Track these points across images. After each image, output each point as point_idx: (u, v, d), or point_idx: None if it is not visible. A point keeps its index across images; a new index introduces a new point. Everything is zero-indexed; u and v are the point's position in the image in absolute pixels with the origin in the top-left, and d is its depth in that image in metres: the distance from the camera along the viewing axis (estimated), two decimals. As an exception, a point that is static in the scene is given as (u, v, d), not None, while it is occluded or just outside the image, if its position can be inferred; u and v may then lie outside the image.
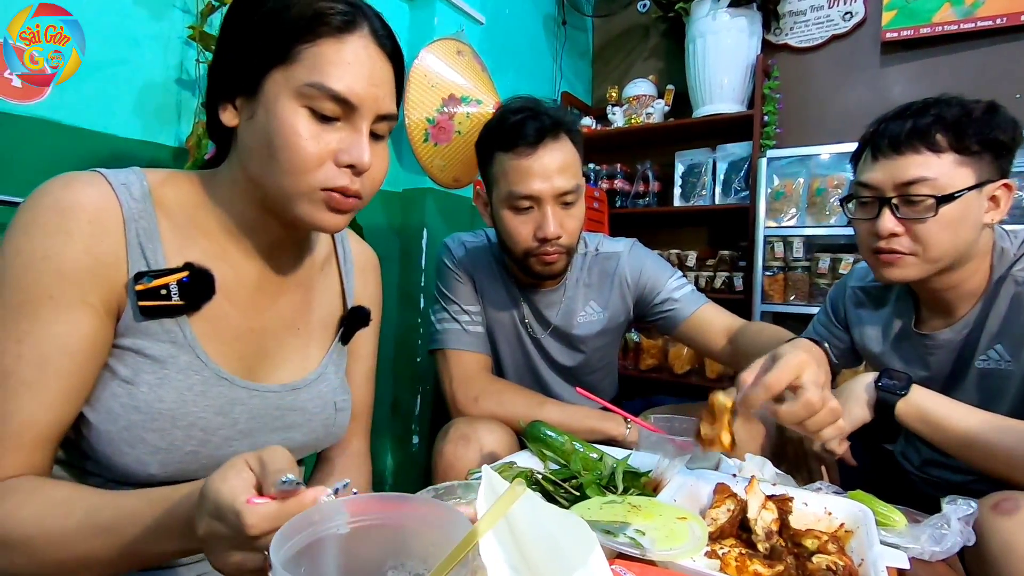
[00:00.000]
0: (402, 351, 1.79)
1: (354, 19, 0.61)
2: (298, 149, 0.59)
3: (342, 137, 0.61)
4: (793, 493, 0.73)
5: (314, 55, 0.59)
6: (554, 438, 0.91)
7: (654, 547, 0.57)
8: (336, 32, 0.59)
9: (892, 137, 0.89)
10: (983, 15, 1.98)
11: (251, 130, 0.61)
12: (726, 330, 1.14)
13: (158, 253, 0.61)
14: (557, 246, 1.04)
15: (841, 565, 0.58)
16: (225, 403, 0.64)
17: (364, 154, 0.61)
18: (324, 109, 0.59)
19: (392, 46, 0.65)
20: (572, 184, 1.03)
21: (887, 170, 0.90)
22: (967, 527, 0.71)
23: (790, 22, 2.34)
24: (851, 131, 2.16)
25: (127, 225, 0.59)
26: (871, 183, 0.92)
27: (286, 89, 0.59)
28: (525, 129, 1.00)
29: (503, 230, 1.07)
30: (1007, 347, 0.92)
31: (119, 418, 0.58)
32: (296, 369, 0.73)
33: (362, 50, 0.61)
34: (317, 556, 0.41)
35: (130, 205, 0.60)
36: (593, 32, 2.84)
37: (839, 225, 1.98)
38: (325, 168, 0.61)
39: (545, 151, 1.01)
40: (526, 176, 1.01)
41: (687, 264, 2.41)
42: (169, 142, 1.20)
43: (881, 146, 0.91)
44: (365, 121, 0.62)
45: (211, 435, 0.63)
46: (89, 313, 0.57)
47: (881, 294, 1.11)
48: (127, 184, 0.61)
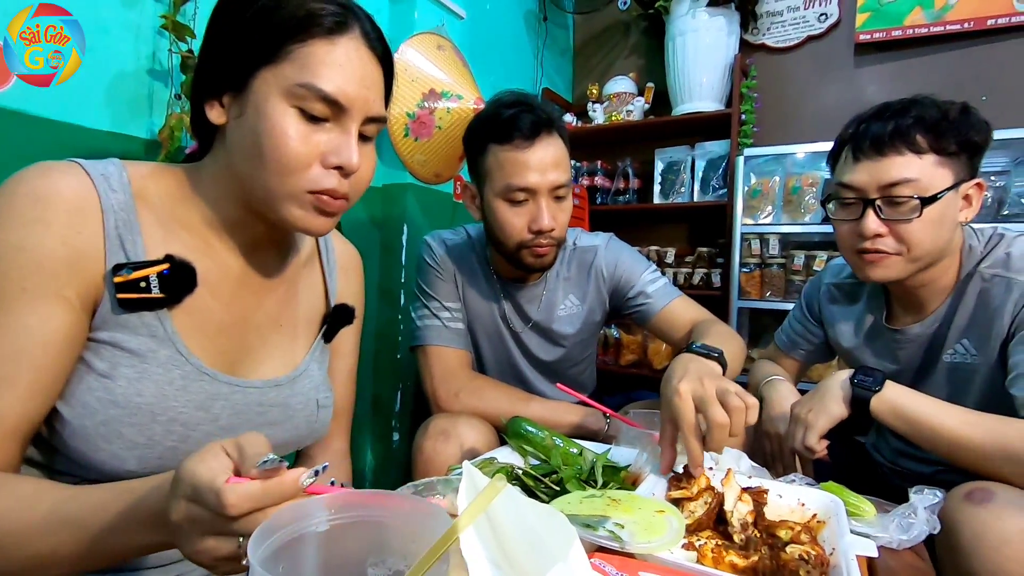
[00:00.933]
0: (383, 347, 1.78)
1: (346, 20, 0.60)
2: (287, 150, 0.58)
3: (331, 138, 0.61)
4: (768, 485, 0.75)
5: (305, 55, 0.58)
6: (535, 434, 0.91)
7: (633, 540, 0.58)
8: (328, 33, 0.59)
9: (874, 138, 0.90)
10: (952, 19, 2.04)
11: (239, 129, 0.61)
12: (691, 324, 1.16)
13: (138, 245, 0.60)
14: (550, 238, 1.06)
15: (813, 554, 0.59)
16: (206, 398, 0.63)
17: (353, 156, 0.61)
18: (314, 110, 0.59)
19: (383, 48, 0.65)
20: (565, 178, 1.05)
21: (870, 171, 0.91)
22: (933, 516, 0.73)
23: (767, 22, 2.37)
24: (826, 130, 2.22)
25: (105, 216, 0.58)
26: (854, 184, 0.93)
27: (276, 88, 0.58)
28: (521, 122, 1.01)
29: (497, 222, 1.08)
30: (973, 341, 0.94)
31: (96, 413, 0.57)
32: (279, 366, 0.72)
33: (353, 52, 0.61)
34: (296, 554, 0.40)
35: (109, 196, 0.58)
36: (574, 29, 2.84)
37: (813, 223, 2.03)
38: (313, 169, 0.60)
39: (541, 145, 1.02)
40: (523, 169, 1.02)
41: (666, 260, 2.44)
42: (141, 134, 1.17)
43: (863, 147, 0.92)
44: (354, 123, 0.62)
45: (192, 430, 0.62)
46: (64, 306, 0.55)
47: (854, 290, 1.14)
48: (106, 175, 0.59)
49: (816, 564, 0.58)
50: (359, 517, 0.43)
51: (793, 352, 1.25)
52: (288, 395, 0.71)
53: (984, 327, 0.93)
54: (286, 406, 0.71)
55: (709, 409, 0.73)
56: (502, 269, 1.19)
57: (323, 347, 0.79)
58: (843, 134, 0.98)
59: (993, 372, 0.92)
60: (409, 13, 1.74)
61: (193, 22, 1.17)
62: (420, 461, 0.99)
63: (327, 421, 0.78)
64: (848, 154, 0.95)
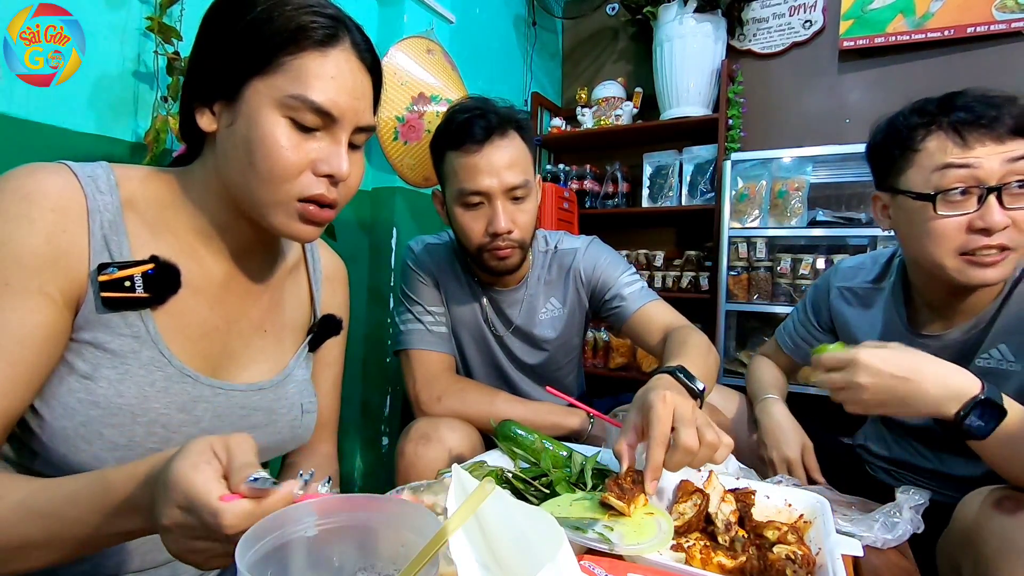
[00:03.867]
0: (372, 351, 1.77)
1: (336, 32, 0.61)
2: (278, 159, 0.59)
3: (321, 147, 0.62)
4: (755, 487, 0.76)
5: (297, 67, 0.59)
6: (524, 436, 0.91)
7: (622, 542, 0.58)
8: (319, 45, 0.60)
9: (991, 119, 0.81)
10: (933, 27, 2.08)
11: (230, 137, 0.61)
12: (664, 328, 1.13)
13: (123, 247, 0.60)
14: (509, 240, 1.05)
15: (800, 554, 0.60)
16: (188, 400, 0.63)
17: (343, 164, 0.62)
18: (305, 120, 0.60)
19: (372, 58, 0.66)
20: (521, 179, 1.04)
21: (990, 155, 0.80)
22: (917, 515, 0.74)
23: (753, 28, 2.40)
24: (811, 135, 2.25)
25: (91, 217, 0.58)
26: (974, 165, 0.81)
27: (268, 99, 0.59)
28: (472, 128, 1.02)
29: (457, 227, 1.08)
30: (1011, 347, 0.88)
31: (76, 413, 0.56)
32: (262, 370, 0.72)
33: (344, 64, 0.62)
34: (284, 560, 0.40)
35: (96, 198, 0.59)
36: (563, 34, 2.86)
37: (799, 227, 2.05)
38: (303, 177, 0.61)
39: (492, 148, 1.02)
40: (474, 173, 1.02)
41: (655, 264, 2.45)
42: (126, 137, 1.16)
43: (971, 130, 0.82)
44: (344, 132, 0.63)
45: (173, 432, 0.61)
46: (46, 303, 0.55)
47: (870, 294, 1.08)
48: (93, 177, 0.60)
49: (803, 564, 0.59)
50: (348, 522, 0.43)
51: (795, 354, 1.23)
52: (272, 399, 0.71)
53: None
54: (270, 410, 0.71)
55: (684, 430, 0.68)
56: (481, 273, 1.19)
57: (308, 354, 0.79)
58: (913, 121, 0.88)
59: None
60: (398, 17, 1.74)
61: (179, 24, 1.16)
62: (402, 465, 0.99)
63: (311, 426, 0.78)
64: (944, 137, 0.84)
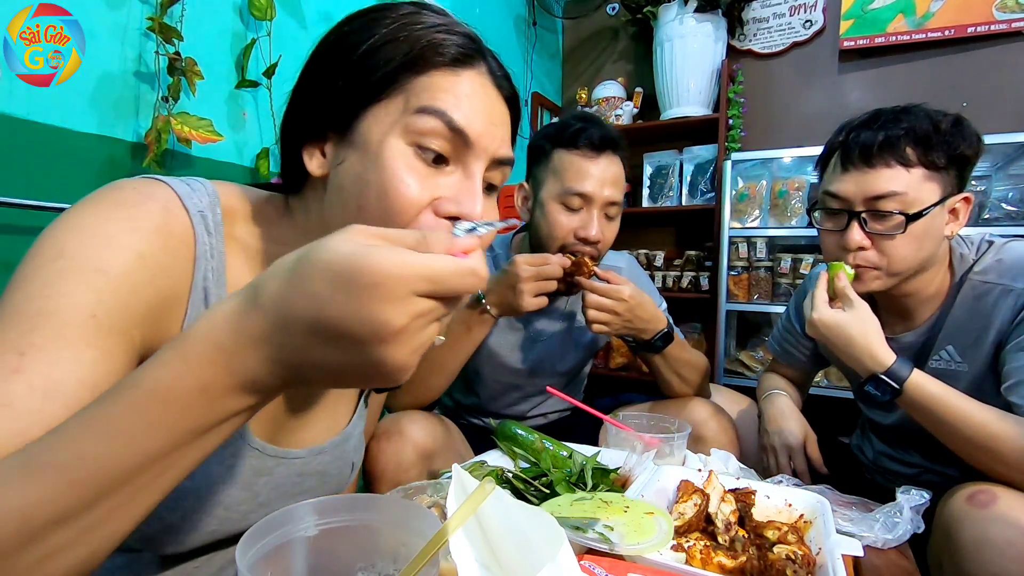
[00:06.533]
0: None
1: (472, 54, 0.53)
2: (396, 193, 0.49)
3: (451, 183, 0.51)
4: (756, 487, 0.76)
5: (424, 84, 0.50)
6: (524, 437, 0.91)
7: (622, 542, 0.58)
8: (451, 64, 0.51)
9: (863, 148, 0.89)
10: (933, 27, 2.08)
11: (338, 177, 0.52)
12: None
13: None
14: (594, 249, 1.07)
15: (800, 554, 0.60)
16: (251, 475, 0.56)
17: (477, 205, 0.51)
18: (432, 144, 0.50)
19: (510, 88, 0.57)
20: (619, 197, 1.08)
21: (857, 182, 0.89)
22: (917, 516, 0.74)
23: (754, 28, 2.40)
24: (811, 135, 2.25)
25: (197, 265, 0.50)
26: (840, 194, 0.91)
27: (387, 124, 0.50)
28: (591, 133, 1.06)
29: (546, 221, 1.09)
30: (958, 348, 0.94)
31: None
32: (320, 430, 0.65)
33: (479, 86, 0.52)
34: (285, 559, 0.40)
35: (204, 240, 0.51)
36: (563, 34, 2.86)
37: (800, 226, 2.05)
38: (421, 218, 0.50)
39: (605, 159, 1.06)
40: (585, 176, 1.05)
41: (655, 264, 2.45)
42: (127, 137, 1.16)
43: (852, 156, 0.90)
44: (480, 162, 0.52)
45: (231, 511, 0.55)
46: (127, 348, 0.45)
47: None
48: (203, 213, 0.51)
49: (803, 564, 0.59)
50: (348, 521, 0.43)
51: (789, 362, 1.25)
52: (327, 461, 0.65)
53: (973, 334, 0.92)
54: (324, 473, 0.64)
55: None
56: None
57: (363, 408, 0.73)
58: (832, 141, 0.96)
59: (979, 379, 0.92)
60: (398, 17, 1.74)
61: (180, 24, 1.16)
62: (368, 464, 0.97)
63: (353, 479, 0.72)
64: (837, 162, 0.94)
